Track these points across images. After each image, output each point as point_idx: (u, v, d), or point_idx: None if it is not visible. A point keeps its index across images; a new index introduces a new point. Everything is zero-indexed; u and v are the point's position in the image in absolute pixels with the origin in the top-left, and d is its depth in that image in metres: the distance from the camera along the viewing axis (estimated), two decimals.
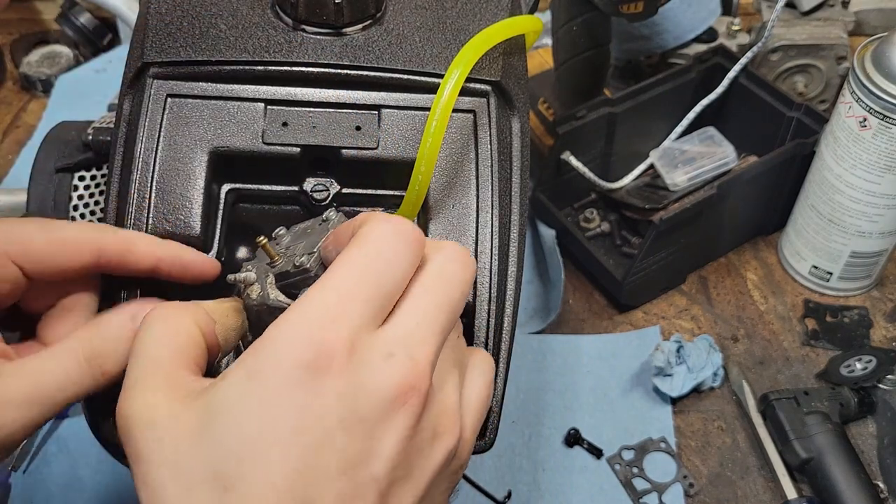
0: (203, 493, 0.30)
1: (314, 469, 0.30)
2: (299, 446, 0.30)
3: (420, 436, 0.33)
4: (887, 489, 0.63)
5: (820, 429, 0.64)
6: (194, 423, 0.31)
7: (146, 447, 0.31)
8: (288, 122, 0.45)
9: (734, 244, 0.81)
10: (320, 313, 0.31)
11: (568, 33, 0.76)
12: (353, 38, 0.46)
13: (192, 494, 0.30)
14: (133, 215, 0.43)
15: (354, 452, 0.31)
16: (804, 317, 0.75)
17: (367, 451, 0.31)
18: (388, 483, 0.31)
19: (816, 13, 0.88)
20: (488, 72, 0.46)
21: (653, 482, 0.65)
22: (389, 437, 0.31)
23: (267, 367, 0.31)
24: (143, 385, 0.33)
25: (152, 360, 0.34)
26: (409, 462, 0.32)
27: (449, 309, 0.34)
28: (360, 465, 0.31)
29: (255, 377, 0.31)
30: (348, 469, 0.31)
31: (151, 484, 0.31)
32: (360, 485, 0.31)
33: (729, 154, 0.77)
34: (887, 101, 0.62)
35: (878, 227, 0.70)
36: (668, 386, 0.68)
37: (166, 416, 0.32)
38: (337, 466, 0.30)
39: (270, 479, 0.30)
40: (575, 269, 0.80)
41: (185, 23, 0.45)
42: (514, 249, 0.45)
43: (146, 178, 0.43)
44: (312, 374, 0.31)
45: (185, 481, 0.31)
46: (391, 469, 0.31)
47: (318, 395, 0.30)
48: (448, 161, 0.45)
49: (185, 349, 0.35)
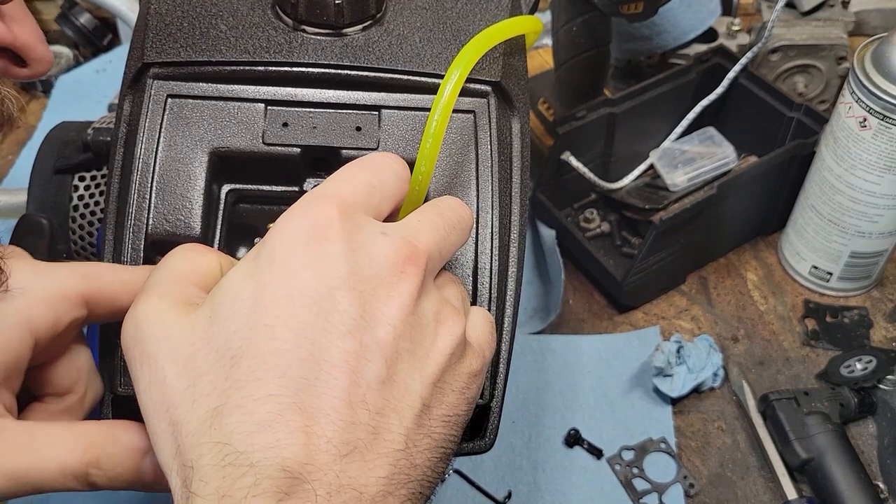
0: (210, 379, 0.31)
1: (319, 329, 0.31)
2: (303, 306, 0.31)
3: (422, 313, 0.33)
4: (887, 489, 0.63)
5: (820, 429, 0.64)
6: (202, 317, 0.32)
7: (154, 346, 0.32)
8: (288, 122, 0.45)
9: (734, 244, 0.81)
10: (314, 196, 0.34)
11: (568, 33, 0.76)
12: (354, 38, 0.46)
13: (201, 382, 0.31)
14: (133, 216, 0.43)
15: (358, 314, 0.31)
16: (804, 317, 0.75)
17: (371, 314, 0.32)
18: (393, 351, 0.32)
19: (816, 13, 0.88)
20: (488, 72, 0.46)
21: (653, 482, 0.65)
22: (391, 302, 0.32)
23: (268, 246, 0.33)
24: (157, 291, 0.34)
25: (171, 273, 0.35)
26: (413, 336, 0.33)
27: (447, 225, 0.36)
28: (365, 327, 0.32)
29: (258, 257, 0.33)
30: (353, 330, 0.31)
31: (159, 382, 0.32)
32: (366, 346, 0.31)
33: (729, 154, 0.77)
34: (887, 102, 0.62)
35: (878, 227, 0.70)
36: (668, 386, 0.68)
37: (175, 315, 0.33)
38: (342, 327, 0.31)
39: (276, 345, 0.30)
40: (575, 269, 0.80)
41: (186, 23, 0.45)
42: (515, 250, 0.45)
43: (146, 179, 0.43)
44: (312, 240, 0.32)
45: (193, 372, 0.31)
46: (395, 337, 0.32)
47: (318, 259, 0.32)
48: (448, 161, 0.45)
49: (203, 273, 0.35)
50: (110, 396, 0.42)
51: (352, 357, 0.31)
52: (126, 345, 0.34)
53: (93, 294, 0.39)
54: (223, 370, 0.31)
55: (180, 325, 0.32)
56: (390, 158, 0.37)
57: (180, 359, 0.32)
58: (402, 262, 0.33)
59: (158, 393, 0.32)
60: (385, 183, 0.36)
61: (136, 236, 0.43)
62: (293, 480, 0.29)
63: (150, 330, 0.33)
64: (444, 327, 0.34)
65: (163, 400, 0.31)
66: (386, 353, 0.32)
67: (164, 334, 0.32)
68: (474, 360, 0.36)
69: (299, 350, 0.31)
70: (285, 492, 0.29)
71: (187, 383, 0.31)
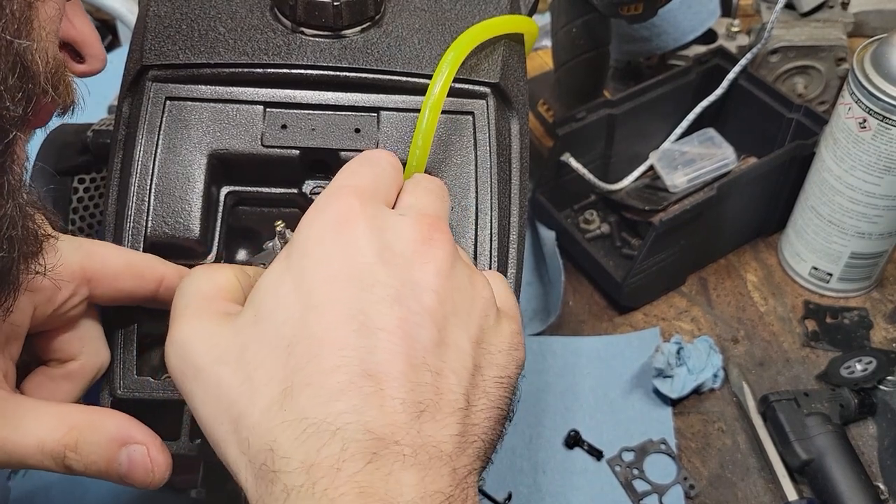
0: (267, 370, 0.31)
1: (367, 301, 0.32)
2: (346, 284, 0.32)
3: (457, 277, 0.35)
4: (888, 490, 0.63)
5: (820, 430, 0.64)
6: (246, 319, 0.33)
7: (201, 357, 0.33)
8: (287, 124, 0.45)
9: (734, 245, 0.81)
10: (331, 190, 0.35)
11: (567, 35, 0.76)
12: (352, 40, 0.46)
13: (257, 375, 0.31)
14: (132, 218, 0.43)
15: (400, 284, 0.33)
16: (804, 318, 0.75)
17: (412, 283, 0.33)
18: (441, 315, 0.33)
19: (816, 14, 0.87)
20: (487, 73, 0.46)
21: (653, 484, 0.65)
22: (428, 268, 0.34)
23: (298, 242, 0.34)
24: (191, 312, 0.35)
25: (197, 293, 0.36)
26: (455, 300, 0.34)
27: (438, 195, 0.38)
28: (410, 295, 0.33)
29: (290, 255, 0.34)
30: (400, 298, 0.32)
31: (213, 387, 0.32)
32: (415, 312, 0.32)
33: (728, 155, 0.77)
34: (887, 103, 0.62)
35: (878, 228, 0.70)
36: (668, 387, 0.68)
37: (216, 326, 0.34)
38: (387, 297, 0.32)
39: (328, 323, 0.31)
40: (575, 270, 0.80)
41: (185, 25, 0.45)
42: (514, 251, 0.45)
43: (145, 181, 0.43)
44: (339, 227, 0.33)
45: (246, 366, 0.32)
46: (440, 301, 0.33)
47: (349, 241, 0.33)
48: (447, 162, 0.45)
49: (226, 288, 0.36)
50: (110, 399, 0.42)
51: (405, 322, 0.32)
52: (173, 368, 0.34)
53: (95, 271, 0.39)
54: (279, 359, 0.31)
55: (224, 332, 0.33)
56: (384, 152, 0.39)
57: (230, 359, 0.32)
58: (429, 232, 0.34)
59: (213, 397, 0.32)
60: (385, 172, 0.38)
61: (135, 238, 0.43)
62: (379, 442, 0.30)
63: (194, 346, 0.33)
64: (477, 290, 0.36)
65: (219, 402, 0.32)
66: (435, 317, 0.33)
67: (210, 344, 0.33)
68: (511, 321, 0.37)
69: (353, 322, 0.31)
70: (374, 452, 0.30)
71: (242, 378, 0.32)
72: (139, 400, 0.42)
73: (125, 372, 0.42)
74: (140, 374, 0.42)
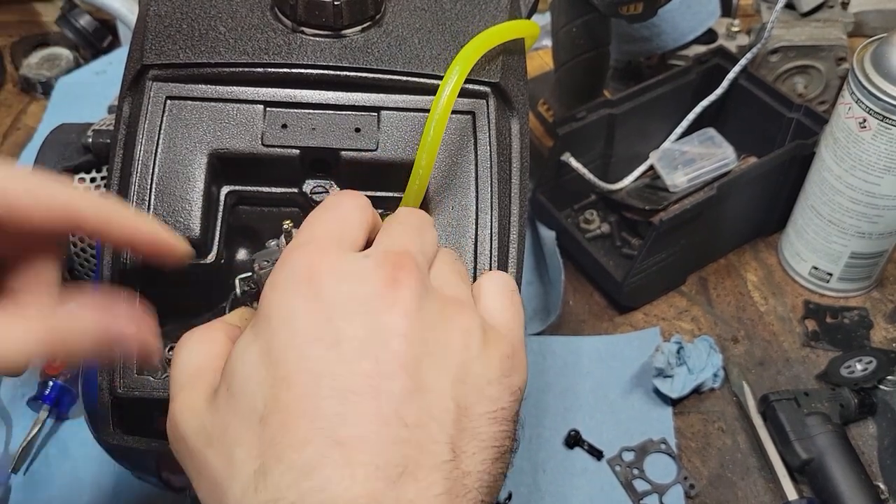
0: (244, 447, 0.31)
1: (333, 362, 0.31)
2: (310, 345, 0.31)
3: (427, 315, 0.33)
4: (888, 490, 0.63)
5: (820, 430, 0.64)
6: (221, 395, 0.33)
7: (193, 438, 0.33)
8: (287, 123, 0.45)
9: (734, 245, 0.81)
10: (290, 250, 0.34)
11: (568, 35, 0.76)
12: (353, 39, 0.46)
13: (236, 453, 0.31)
14: None
15: (365, 335, 0.31)
16: (804, 318, 0.75)
17: (378, 330, 0.31)
18: (411, 360, 0.31)
19: (816, 14, 0.88)
20: (488, 73, 0.46)
21: (653, 483, 0.65)
22: (395, 311, 0.32)
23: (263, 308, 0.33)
24: (188, 391, 0.34)
25: (189, 368, 0.35)
26: (427, 340, 0.32)
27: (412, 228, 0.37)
28: (377, 346, 0.31)
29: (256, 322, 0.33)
30: (365, 351, 0.31)
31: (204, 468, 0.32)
32: (383, 362, 0.31)
33: (729, 155, 0.77)
34: (887, 102, 0.62)
35: (878, 227, 0.70)
36: (668, 387, 0.68)
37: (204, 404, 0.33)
38: (353, 352, 0.31)
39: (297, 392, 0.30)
40: (575, 270, 0.80)
41: (185, 25, 0.45)
42: (514, 250, 0.45)
43: (146, 181, 0.43)
44: (300, 285, 0.32)
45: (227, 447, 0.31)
46: (409, 344, 0.31)
47: (311, 298, 0.32)
48: (447, 162, 0.45)
49: (217, 356, 0.35)
50: (110, 398, 0.42)
51: (373, 377, 0.30)
52: (172, 446, 0.34)
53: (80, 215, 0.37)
54: (255, 434, 0.30)
55: (209, 412, 0.33)
56: (347, 195, 0.38)
57: (213, 440, 0.32)
58: (392, 271, 0.33)
59: (204, 478, 0.32)
60: (350, 216, 0.36)
61: None
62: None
63: (186, 426, 0.33)
64: (453, 322, 0.33)
65: (208, 482, 0.32)
66: (406, 364, 0.31)
67: (198, 425, 0.33)
68: (501, 343, 0.34)
69: (321, 388, 0.30)
70: None
71: (225, 459, 0.31)
72: (139, 398, 0.42)
73: (125, 370, 0.42)
74: (140, 373, 0.42)
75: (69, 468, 0.66)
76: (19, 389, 0.71)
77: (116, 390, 0.42)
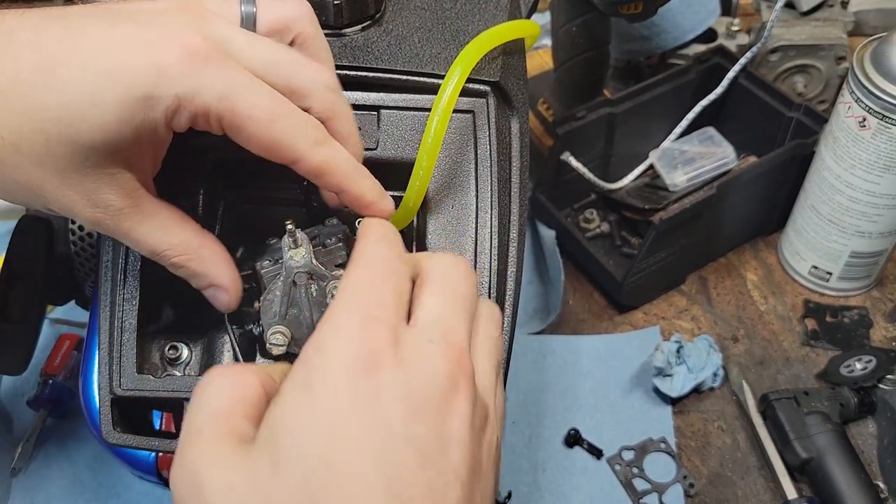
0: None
1: (398, 462, 0.29)
2: (377, 438, 0.29)
3: (476, 422, 0.32)
4: (887, 489, 0.63)
5: (820, 429, 0.64)
6: (264, 463, 0.30)
7: (218, 496, 0.29)
8: None
9: (734, 244, 0.81)
10: (351, 314, 0.32)
11: (567, 34, 0.76)
12: (353, 38, 0.46)
13: None
14: None
15: (429, 442, 0.30)
16: (804, 317, 0.75)
17: (441, 438, 0.31)
18: (468, 471, 0.31)
19: (816, 13, 0.88)
20: (487, 72, 0.46)
21: (653, 482, 0.65)
22: (455, 419, 0.31)
23: (318, 376, 0.30)
24: (209, 436, 0.31)
25: (215, 410, 0.32)
26: (476, 452, 0.32)
27: (461, 297, 0.35)
28: (439, 454, 0.30)
29: (310, 389, 0.30)
30: (428, 460, 0.30)
31: None
32: (443, 472, 0.30)
33: (728, 154, 0.77)
34: (886, 101, 0.62)
35: (878, 227, 0.70)
36: (668, 386, 0.68)
37: (233, 457, 0.30)
38: (416, 459, 0.30)
39: (358, 486, 0.29)
40: (575, 269, 0.80)
41: None
42: (514, 249, 0.45)
43: None
44: (366, 373, 0.30)
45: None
46: (467, 456, 0.31)
47: (377, 392, 0.30)
48: (447, 161, 0.45)
49: (247, 400, 0.32)
50: (110, 397, 0.42)
51: (434, 485, 0.30)
52: (181, 495, 0.31)
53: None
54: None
55: (241, 471, 0.30)
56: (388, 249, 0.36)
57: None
58: (456, 377, 0.32)
59: None
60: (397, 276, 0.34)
61: None
62: None
63: (208, 482, 0.30)
64: (489, 428, 0.34)
65: None
66: (461, 475, 0.31)
67: (227, 483, 0.30)
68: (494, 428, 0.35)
69: (381, 489, 0.29)
70: None
71: None
72: (139, 397, 0.42)
73: (125, 369, 0.42)
74: (140, 373, 0.42)
75: (69, 468, 0.66)
76: (19, 389, 0.71)
77: (116, 389, 0.42)
